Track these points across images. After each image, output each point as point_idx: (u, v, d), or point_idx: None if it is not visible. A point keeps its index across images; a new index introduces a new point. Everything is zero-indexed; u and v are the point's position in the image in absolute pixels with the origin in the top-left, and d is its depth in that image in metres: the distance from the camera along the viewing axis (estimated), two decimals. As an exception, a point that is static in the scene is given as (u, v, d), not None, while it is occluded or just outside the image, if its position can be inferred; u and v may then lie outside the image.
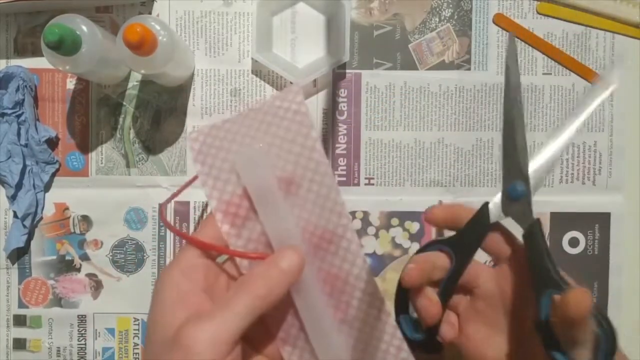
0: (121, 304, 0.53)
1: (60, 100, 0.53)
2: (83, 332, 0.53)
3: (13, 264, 0.53)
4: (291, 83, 0.51)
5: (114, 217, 0.53)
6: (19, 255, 0.53)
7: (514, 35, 0.36)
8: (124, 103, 0.53)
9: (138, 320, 0.53)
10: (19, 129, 0.51)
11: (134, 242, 0.53)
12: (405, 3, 0.53)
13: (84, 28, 0.43)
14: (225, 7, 0.53)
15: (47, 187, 0.53)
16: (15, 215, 0.51)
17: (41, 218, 0.53)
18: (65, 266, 0.53)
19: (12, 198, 0.51)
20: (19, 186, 0.51)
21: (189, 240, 0.30)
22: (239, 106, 0.53)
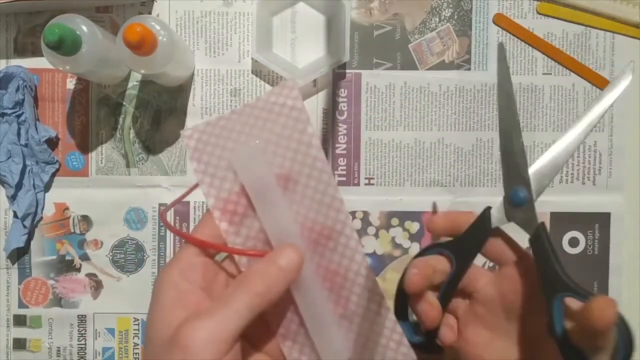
0: (121, 304, 0.53)
1: (60, 100, 0.53)
2: (83, 332, 0.53)
3: (13, 264, 0.53)
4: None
5: (114, 217, 0.53)
6: (19, 255, 0.53)
7: (503, 43, 0.36)
8: (124, 103, 0.53)
9: (138, 320, 0.53)
10: (19, 129, 0.51)
11: (134, 242, 0.53)
12: (405, 3, 0.53)
13: (84, 28, 0.43)
14: (225, 7, 0.53)
15: (47, 187, 0.53)
16: (15, 215, 0.51)
17: (41, 218, 0.53)
18: (65, 266, 0.53)
19: (12, 198, 0.51)
20: (19, 186, 0.51)
21: (187, 238, 0.30)
22: (239, 106, 0.52)
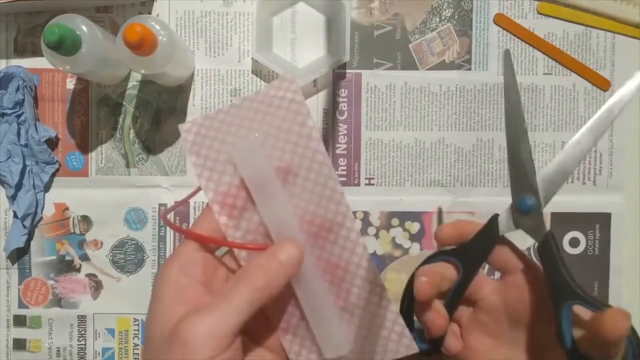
0: (121, 304, 0.53)
1: (60, 100, 0.53)
2: (83, 333, 0.53)
3: (13, 264, 0.53)
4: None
5: (114, 217, 0.53)
6: (19, 255, 0.53)
7: (509, 51, 0.35)
8: (124, 103, 0.53)
9: (138, 320, 0.53)
10: (19, 129, 0.51)
11: (134, 242, 0.53)
12: (405, 3, 0.52)
13: (84, 28, 0.43)
14: (225, 7, 0.52)
15: (47, 187, 0.53)
16: (15, 215, 0.51)
17: (41, 218, 0.53)
18: (65, 266, 0.53)
19: (12, 198, 0.51)
20: (19, 186, 0.51)
21: (186, 234, 0.30)
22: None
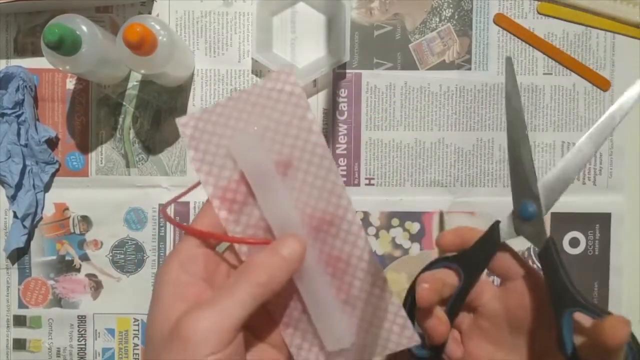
0: (121, 305, 0.53)
1: (60, 100, 0.53)
2: (83, 333, 0.53)
3: (13, 264, 0.53)
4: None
5: (114, 217, 0.53)
6: (19, 255, 0.53)
7: (511, 57, 0.35)
8: (124, 103, 0.53)
9: (138, 320, 0.53)
10: (19, 129, 0.51)
11: (134, 243, 0.53)
12: (405, 3, 0.52)
13: (84, 28, 0.43)
14: (225, 7, 0.52)
15: (47, 187, 0.53)
16: (15, 215, 0.51)
17: (41, 218, 0.52)
18: (65, 266, 0.53)
19: (12, 198, 0.51)
20: (19, 186, 0.51)
21: (186, 229, 0.30)
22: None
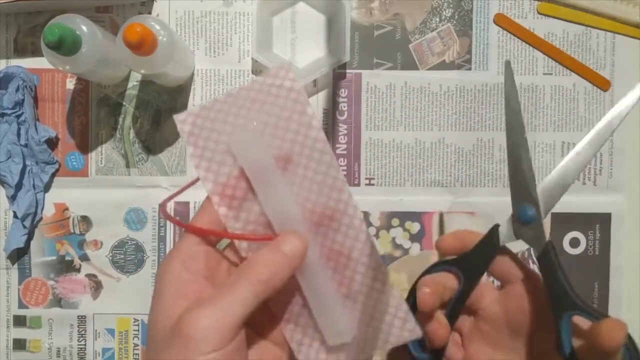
0: (121, 305, 0.53)
1: (60, 100, 0.53)
2: (83, 333, 0.53)
3: (13, 264, 0.53)
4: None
5: (114, 218, 0.53)
6: (19, 255, 0.53)
7: (510, 62, 0.36)
8: (124, 103, 0.53)
9: (138, 320, 0.53)
10: (19, 129, 0.51)
11: (134, 243, 0.53)
12: (405, 3, 0.52)
13: (84, 28, 0.43)
14: (225, 7, 0.52)
15: (47, 187, 0.53)
16: (15, 215, 0.51)
17: (41, 218, 0.52)
18: (65, 266, 0.53)
19: (12, 198, 0.51)
20: (19, 186, 0.51)
21: (187, 227, 0.30)
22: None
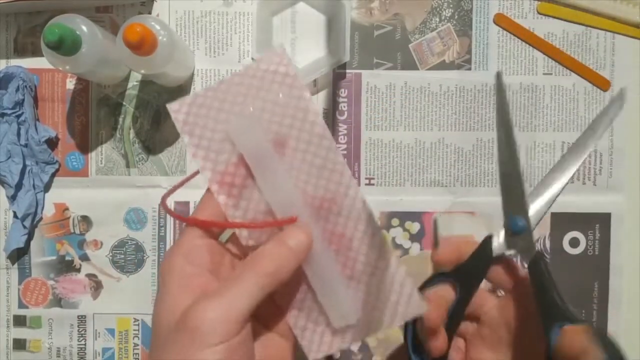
0: (121, 305, 0.53)
1: (60, 100, 0.53)
2: (83, 333, 0.53)
3: (13, 264, 0.53)
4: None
5: (114, 218, 0.53)
6: (19, 255, 0.53)
7: (500, 73, 0.37)
8: (124, 103, 0.53)
9: (138, 320, 0.53)
10: (19, 129, 0.51)
11: (134, 243, 0.53)
12: (405, 3, 0.52)
13: (84, 28, 0.43)
14: (225, 7, 0.52)
15: (47, 187, 0.53)
16: (15, 215, 0.51)
17: (41, 218, 0.52)
18: (65, 266, 0.53)
19: (12, 198, 0.51)
20: (19, 186, 0.51)
21: (189, 221, 0.30)
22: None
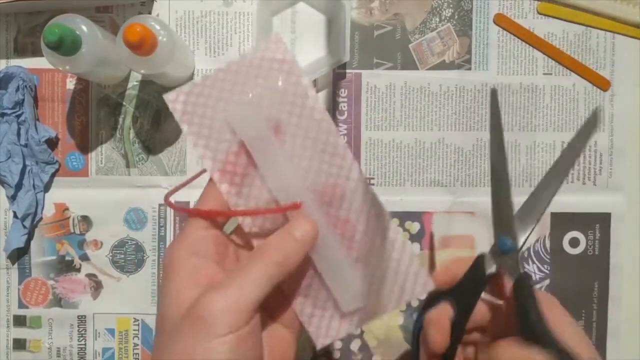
0: (121, 305, 0.53)
1: (60, 100, 0.53)
2: (83, 333, 0.53)
3: (13, 264, 0.53)
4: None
5: (114, 218, 0.53)
6: (19, 255, 0.53)
7: (495, 89, 0.38)
8: (124, 103, 0.53)
9: (138, 320, 0.53)
10: (19, 129, 0.51)
11: (134, 243, 0.53)
12: (405, 3, 0.52)
13: (84, 28, 0.43)
14: (225, 7, 0.52)
15: (47, 187, 0.53)
16: (15, 215, 0.51)
17: (41, 218, 0.52)
18: (65, 266, 0.53)
19: (12, 198, 0.51)
20: (19, 186, 0.51)
21: (193, 212, 0.30)
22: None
